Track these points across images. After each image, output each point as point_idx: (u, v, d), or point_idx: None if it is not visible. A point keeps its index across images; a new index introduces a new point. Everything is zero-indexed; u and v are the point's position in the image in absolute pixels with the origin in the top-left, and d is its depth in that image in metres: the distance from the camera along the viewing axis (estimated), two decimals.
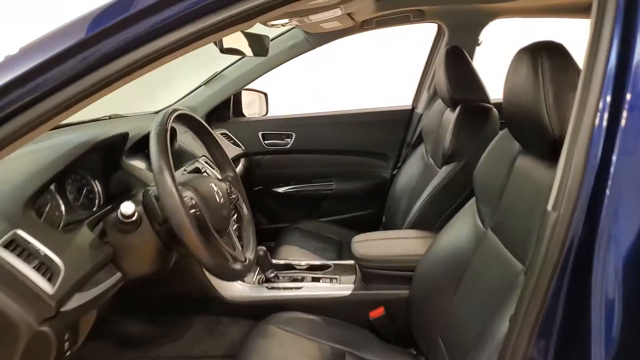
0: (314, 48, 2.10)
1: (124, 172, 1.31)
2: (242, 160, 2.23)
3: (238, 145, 2.24)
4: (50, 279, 0.86)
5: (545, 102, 0.88)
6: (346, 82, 3.54)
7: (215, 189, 1.14)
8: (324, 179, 2.39)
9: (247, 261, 1.14)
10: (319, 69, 3.39)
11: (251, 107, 2.40)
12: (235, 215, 1.29)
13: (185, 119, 1.17)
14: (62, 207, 1.12)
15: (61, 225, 1.10)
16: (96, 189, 1.26)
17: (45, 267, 0.88)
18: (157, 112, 2.20)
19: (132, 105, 2.32)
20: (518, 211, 1.04)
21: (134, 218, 0.99)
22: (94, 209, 1.23)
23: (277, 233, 2.16)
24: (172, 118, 1.07)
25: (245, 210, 1.28)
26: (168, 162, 0.96)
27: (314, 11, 1.22)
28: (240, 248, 1.18)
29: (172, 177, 0.95)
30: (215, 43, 1.46)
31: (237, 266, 1.08)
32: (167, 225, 1.02)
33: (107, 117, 1.99)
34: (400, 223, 1.86)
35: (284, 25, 1.44)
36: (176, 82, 2.33)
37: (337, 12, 1.37)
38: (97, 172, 1.27)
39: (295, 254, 1.87)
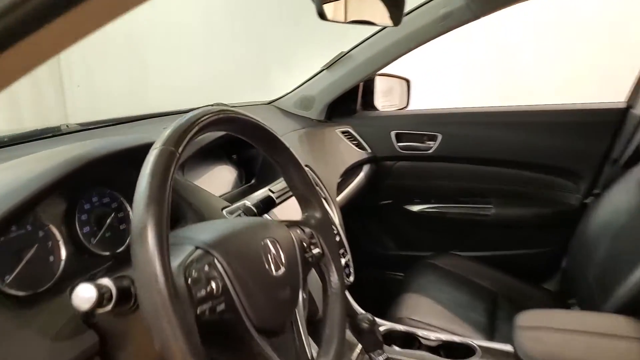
0: (477, 18, 1.48)
1: (174, 192, 0.91)
2: (367, 167, 1.77)
3: (363, 148, 1.78)
4: None
5: None
6: (518, 67, 2.74)
7: (271, 248, 0.66)
8: (478, 199, 1.81)
9: None
10: (478, 47, 2.68)
11: (387, 97, 1.92)
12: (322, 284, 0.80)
13: (237, 125, 0.71)
14: (63, 249, 0.76)
15: (56, 277, 0.74)
16: (131, 216, 0.89)
17: None
18: (270, 103, 1.83)
19: (248, 92, 2.01)
20: None
21: (110, 306, 0.56)
22: (120, 250, 0.85)
23: (406, 265, 1.65)
24: (200, 128, 0.61)
25: (334, 275, 0.78)
26: (160, 216, 0.51)
27: None
28: (310, 351, 0.68)
29: (160, 245, 0.50)
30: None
31: None
32: None
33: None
34: (595, 284, 1.22)
35: None
36: (296, 67, 1.94)
37: None
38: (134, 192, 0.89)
39: (423, 312, 1.34)
